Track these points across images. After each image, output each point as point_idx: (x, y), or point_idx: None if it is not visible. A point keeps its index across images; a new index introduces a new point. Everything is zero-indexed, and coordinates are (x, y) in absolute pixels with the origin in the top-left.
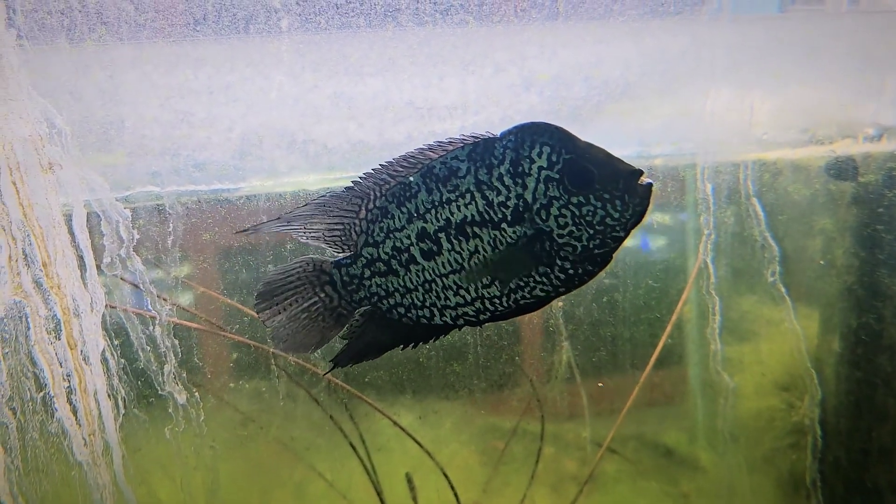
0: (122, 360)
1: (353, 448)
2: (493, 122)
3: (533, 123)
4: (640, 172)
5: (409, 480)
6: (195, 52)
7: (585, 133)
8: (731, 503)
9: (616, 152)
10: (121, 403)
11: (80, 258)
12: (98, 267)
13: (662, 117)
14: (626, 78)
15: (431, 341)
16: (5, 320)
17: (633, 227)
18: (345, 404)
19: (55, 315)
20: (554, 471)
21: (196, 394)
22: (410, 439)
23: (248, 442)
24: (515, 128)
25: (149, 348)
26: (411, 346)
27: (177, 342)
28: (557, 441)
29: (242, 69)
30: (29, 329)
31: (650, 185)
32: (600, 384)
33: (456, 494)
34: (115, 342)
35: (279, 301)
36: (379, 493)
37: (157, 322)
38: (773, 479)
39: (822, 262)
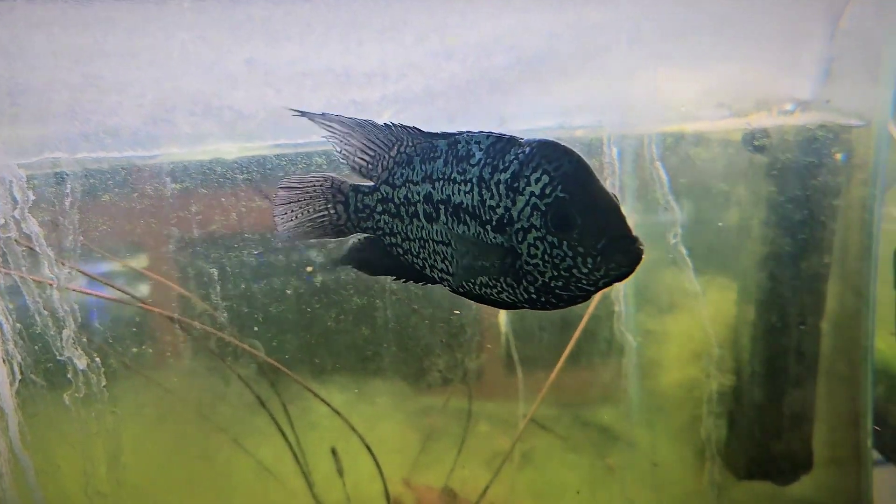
0: (18, 325)
1: (274, 419)
2: (415, 90)
3: (554, 144)
4: (633, 240)
5: (334, 453)
6: (105, 14)
7: (507, 103)
8: (652, 471)
9: (538, 123)
10: (16, 369)
11: None
12: None
13: (583, 88)
14: (547, 49)
15: (420, 284)
16: None
17: (605, 286)
18: (261, 373)
19: None
20: (488, 448)
21: (97, 359)
22: (341, 418)
23: (161, 412)
24: (537, 141)
25: (46, 313)
26: (402, 280)
27: (76, 306)
28: (492, 419)
29: (154, 32)
30: None
31: (639, 254)
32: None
33: (379, 466)
34: (10, 306)
35: (293, 208)
36: (300, 463)
37: (55, 287)
38: (692, 446)
39: (720, 224)
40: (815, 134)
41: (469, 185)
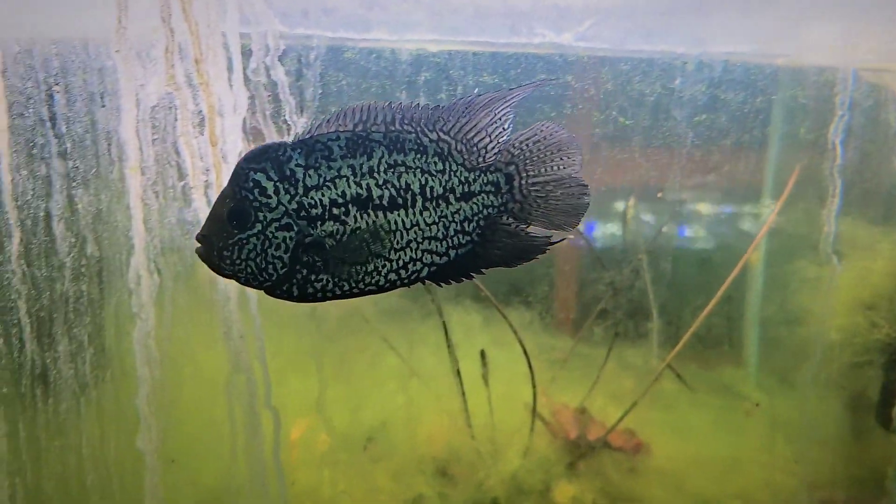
0: None
1: (444, 324)
2: (617, 3)
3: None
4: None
5: (483, 356)
6: None
7: (707, 24)
8: (800, 416)
9: (735, 47)
10: None
11: (229, 60)
12: (244, 71)
13: (784, 17)
14: None
15: None
16: (157, 109)
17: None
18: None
19: (201, 111)
20: (616, 384)
21: None
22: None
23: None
24: None
25: None
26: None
27: None
28: (622, 362)
29: None
30: (176, 121)
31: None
32: None
33: (531, 368)
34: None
35: None
36: (456, 363)
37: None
38: (844, 394)
39: None
40: None
41: None
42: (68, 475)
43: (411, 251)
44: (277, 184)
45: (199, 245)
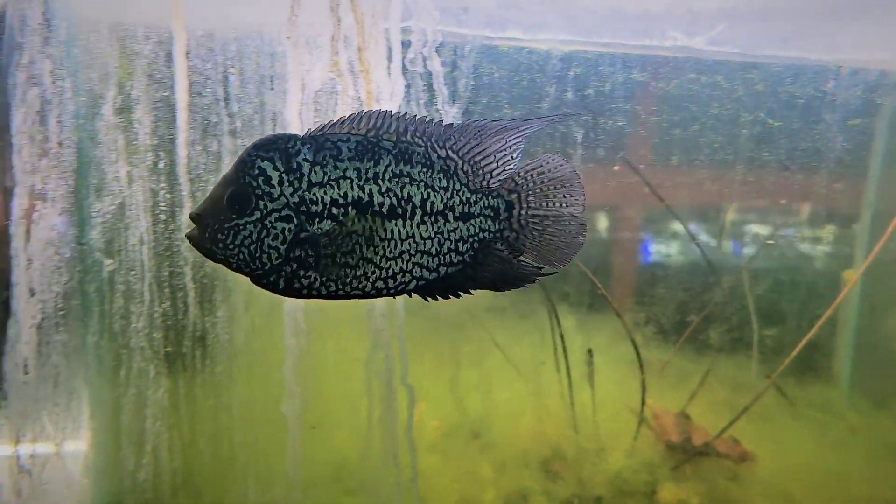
0: None
1: (557, 320)
2: (753, 6)
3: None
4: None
5: (590, 355)
6: None
7: (843, 31)
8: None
9: (875, 55)
10: None
11: (389, 49)
12: (402, 61)
13: None
14: None
15: None
16: (320, 93)
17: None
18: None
19: (360, 97)
20: (713, 392)
21: None
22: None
23: None
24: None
25: None
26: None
27: None
28: (719, 372)
29: None
30: (337, 105)
31: (188, 237)
32: None
33: (642, 367)
34: None
35: None
36: (567, 362)
37: None
38: None
39: None
40: None
41: None
42: (219, 432)
43: (402, 262)
44: (283, 175)
45: (192, 226)
